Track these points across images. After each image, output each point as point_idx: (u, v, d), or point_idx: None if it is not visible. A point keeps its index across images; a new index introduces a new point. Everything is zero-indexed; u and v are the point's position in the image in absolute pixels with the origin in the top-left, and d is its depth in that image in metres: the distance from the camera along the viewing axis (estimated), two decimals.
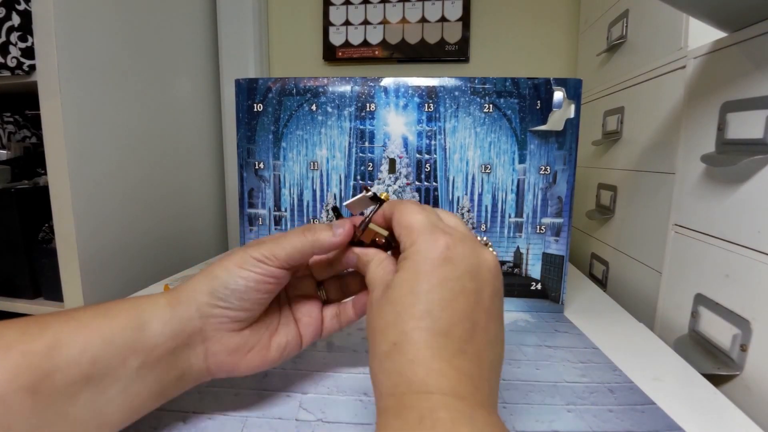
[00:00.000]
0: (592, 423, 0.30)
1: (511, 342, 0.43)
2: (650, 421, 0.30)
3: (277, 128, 0.51)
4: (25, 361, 0.21)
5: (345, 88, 0.50)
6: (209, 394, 0.33)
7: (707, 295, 0.46)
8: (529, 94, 0.49)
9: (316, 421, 0.30)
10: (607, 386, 0.35)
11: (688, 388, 0.35)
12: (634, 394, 0.33)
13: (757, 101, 0.39)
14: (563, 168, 0.49)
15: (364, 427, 0.29)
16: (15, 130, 0.98)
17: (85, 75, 0.69)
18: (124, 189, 0.79)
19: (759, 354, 0.38)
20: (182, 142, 0.97)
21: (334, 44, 1.09)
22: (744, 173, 0.41)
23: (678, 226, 0.52)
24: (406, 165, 0.51)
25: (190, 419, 0.30)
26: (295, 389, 0.34)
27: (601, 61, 0.82)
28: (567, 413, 0.31)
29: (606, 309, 0.54)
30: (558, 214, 0.50)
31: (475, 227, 0.51)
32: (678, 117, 0.53)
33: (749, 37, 0.41)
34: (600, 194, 0.76)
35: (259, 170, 0.52)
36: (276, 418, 0.30)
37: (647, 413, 0.31)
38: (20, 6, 0.67)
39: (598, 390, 0.34)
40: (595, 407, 0.32)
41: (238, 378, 0.35)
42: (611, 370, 0.37)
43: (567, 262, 0.50)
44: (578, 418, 0.30)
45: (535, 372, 0.37)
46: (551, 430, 0.29)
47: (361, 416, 0.30)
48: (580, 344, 0.43)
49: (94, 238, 0.72)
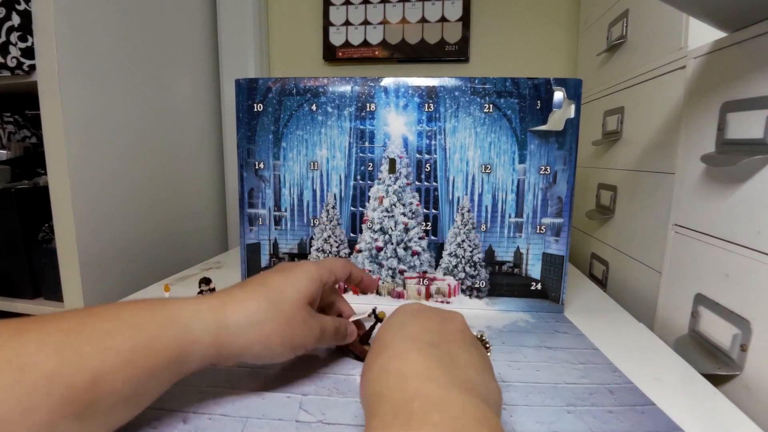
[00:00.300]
0: (592, 424, 0.30)
1: (511, 343, 0.43)
2: (650, 422, 0.30)
3: (277, 128, 0.51)
4: (70, 394, 0.22)
5: (345, 88, 0.50)
6: (209, 394, 0.33)
7: (707, 295, 0.46)
8: (529, 94, 0.49)
9: (317, 423, 0.30)
10: (607, 387, 0.35)
11: (688, 389, 0.35)
12: (634, 395, 0.33)
13: (757, 101, 0.39)
14: (563, 168, 0.49)
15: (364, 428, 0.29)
16: (15, 130, 0.98)
17: (85, 75, 0.69)
18: (123, 189, 0.79)
19: (759, 354, 0.38)
20: (182, 141, 0.96)
21: (334, 44, 1.09)
22: (744, 173, 0.41)
23: (678, 226, 0.52)
24: (406, 165, 0.51)
25: (191, 419, 0.30)
26: (295, 390, 0.34)
27: (601, 61, 0.82)
28: (567, 414, 0.31)
29: (606, 309, 0.54)
30: (558, 214, 0.50)
31: (475, 227, 0.51)
32: (678, 117, 0.53)
33: (749, 37, 0.41)
34: (600, 194, 0.76)
35: (259, 170, 0.52)
36: (276, 419, 0.30)
37: (647, 414, 0.31)
38: (20, 6, 0.67)
39: (598, 391, 0.34)
40: (595, 408, 0.32)
41: (239, 379, 0.35)
42: (611, 371, 0.37)
43: (567, 262, 0.50)
44: (578, 419, 0.30)
45: (535, 373, 0.37)
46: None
47: (361, 418, 0.30)
48: (580, 345, 0.43)
49: (94, 238, 0.72)
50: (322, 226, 0.53)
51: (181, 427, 0.29)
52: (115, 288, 0.76)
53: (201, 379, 0.35)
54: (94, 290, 0.72)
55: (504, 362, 0.39)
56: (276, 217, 0.53)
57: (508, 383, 0.35)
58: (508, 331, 0.46)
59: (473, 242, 0.52)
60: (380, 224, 0.52)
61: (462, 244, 0.52)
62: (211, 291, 0.49)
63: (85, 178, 0.70)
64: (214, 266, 0.71)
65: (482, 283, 0.52)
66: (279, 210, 0.53)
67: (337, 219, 0.53)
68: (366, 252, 0.53)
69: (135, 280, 0.80)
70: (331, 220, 0.53)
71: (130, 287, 0.58)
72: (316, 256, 0.53)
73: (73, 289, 0.71)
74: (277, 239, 0.53)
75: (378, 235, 0.52)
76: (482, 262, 0.52)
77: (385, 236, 0.52)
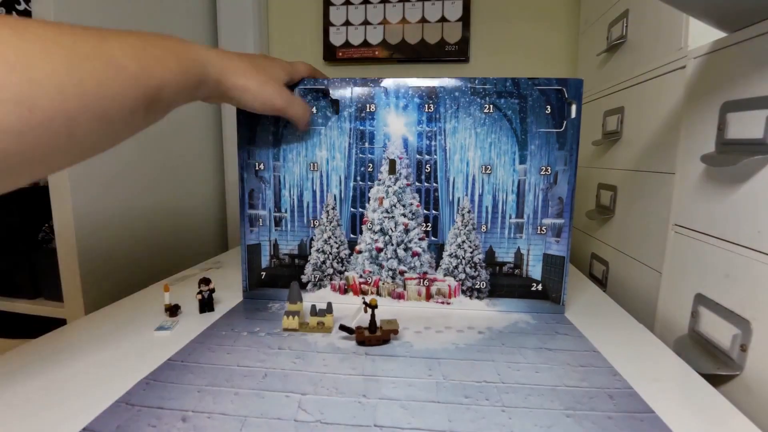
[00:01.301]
0: (590, 430, 0.29)
1: (511, 344, 0.43)
2: (650, 431, 0.29)
3: (277, 129, 0.51)
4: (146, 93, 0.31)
5: (345, 89, 0.50)
6: (209, 393, 0.33)
7: (707, 295, 0.46)
8: (530, 95, 0.49)
9: (315, 422, 0.30)
10: (606, 392, 0.34)
11: (688, 390, 0.35)
12: (633, 401, 0.33)
13: (757, 101, 0.39)
14: (564, 168, 0.49)
15: (363, 428, 0.29)
16: None
17: None
18: (123, 189, 0.79)
19: (759, 354, 0.38)
20: (182, 141, 0.97)
21: (334, 44, 1.09)
22: (744, 173, 0.41)
23: (678, 226, 0.52)
24: (407, 166, 0.51)
25: (190, 418, 0.30)
26: (294, 390, 0.34)
27: (601, 61, 0.82)
28: (566, 418, 0.31)
29: (606, 310, 0.54)
30: (559, 214, 0.50)
31: (475, 228, 0.51)
32: (678, 117, 0.53)
33: (749, 37, 0.41)
34: (600, 194, 0.76)
35: (259, 171, 0.52)
36: (275, 418, 0.30)
37: (646, 422, 0.30)
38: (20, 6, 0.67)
39: (598, 395, 0.34)
40: (594, 413, 0.31)
41: (238, 378, 0.35)
42: (611, 374, 0.37)
43: (568, 263, 0.50)
44: (577, 424, 0.30)
45: (535, 375, 0.37)
46: None
47: (360, 418, 0.30)
48: (581, 347, 0.42)
49: (94, 238, 0.72)
50: (322, 227, 0.53)
51: (181, 425, 0.29)
52: (115, 288, 0.76)
53: (200, 378, 0.35)
54: (93, 290, 0.72)
55: (504, 363, 0.39)
56: (276, 218, 0.53)
57: (508, 384, 0.35)
58: (508, 332, 0.45)
59: (474, 243, 0.51)
60: (380, 225, 0.52)
61: (462, 245, 0.52)
62: (211, 291, 0.49)
63: (85, 178, 0.70)
64: (214, 266, 0.71)
65: (483, 284, 0.52)
66: (279, 211, 0.53)
67: (337, 220, 0.53)
68: (366, 253, 0.53)
69: (135, 280, 0.80)
70: (331, 221, 0.53)
71: (130, 287, 0.58)
72: (317, 257, 0.53)
73: (73, 289, 0.71)
74: (278, 240, 0.53)
75: (378, 236, 0.52)
76: (483, 263, 0.52)
77: (386, 237, 0.52)
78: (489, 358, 0.40)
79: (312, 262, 0.53)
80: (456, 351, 0.41)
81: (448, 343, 0.42)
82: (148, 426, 0.29)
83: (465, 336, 0.44)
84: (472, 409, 0.31)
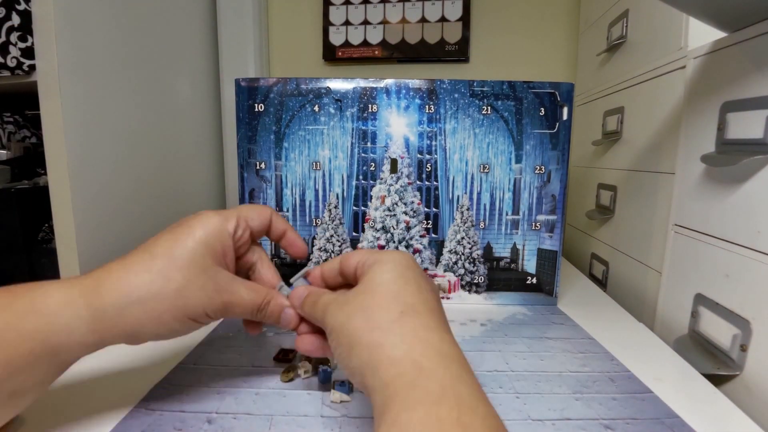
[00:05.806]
0: (599, 411, 0.31)
1: (513, 335, 0.45)
2: (651, 409, 0.31)
3: (279, 128, 0.51)
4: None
5: (347, 89, 0.50)
6: (229, 394, 0.33)
7: (707, 295, 0.46)
8: (525, 97, 0.50)
9: (342, 417, 0.30)
10: (607, 375, 0.36)
11: (688, 389, 0.36)
12: (633, 383, 0.35)
13: (757, 101, 0.39)
14: (557, 167, 0.51)
15: None
16: (15, 130, 0.98)
17: (85, 75, 0.69)
18: (124, 189, 0.79)
19: (759, 354, 0.38)
20: (182, 141, 0.96)
21: (334, 44, 1.09)
22: (744, 173, 0.41)
23: (678, 226, 0.52)
24: (408, 165, 0.52)
25: (215, 420, 0.30)
26: (316, 388, 0.34)
27: (601, 61, 0.82)
28: (575, 401, 0.32)
29: (606, 310, 0.54)
30: (552, 211, 0.52)
31: (474, 225, 0.53)
32: (678, 117, 0.53)
33: (749, 37, 0.41)
34: (600, 194, 0.76)
35: (260, 170, 0.52)
36: (302, 415, 0.30)
37: (647, 401, 0.33)
38: (20, 6, 0.67)
39: (600, 379, 0.36)
40: (599, 395, 0.33)
41: (255, 378, 0.35)
42: (609, 359, 0.39)
43: (560, 257, 0.53)
44: (586, 406, 0.32)
45: (540, 363, 0.39)
46: (564, 418, 0.30)
47: None
48: (577, 335, 0.45)
49: (94, 238, 0.72)
50: (325, 226, 0.53)
51: (207, 427, 0.29)
52: None
53: (216, 380, 0.35)
54: None
55: (510, 352, 0.41)
56: None
57: (517, 372, 0.37)
58: (508, 324, 0.48)
59: (472, 239, 0.53)
60: (382, 223, 0.53)
61: (462, 241, 0.53)
62: None
63: (85, 178, 0.70)
64: None
65: (481, 279, 0.54)
66: (281, 210, 0.53)
67: (340, 218, 0.53)
68: None
69: None
70: (333, 219, 0.53)
71: None
72: (319, 255, 0.53)
73: None
74: None
75: (380, 234, 0.53)
76: (481, 259, 0.53)
77: (387, 235, 0.53)
78: (495, 348, 0.41)
79: (314, 260, 0.53)
80: (464, 343, 0.42)
81: (456, 336, 0.43)
82: (174, 429, 0.28)
83: (469, 329, 0.46)
84: (489, 397, 0.32)
